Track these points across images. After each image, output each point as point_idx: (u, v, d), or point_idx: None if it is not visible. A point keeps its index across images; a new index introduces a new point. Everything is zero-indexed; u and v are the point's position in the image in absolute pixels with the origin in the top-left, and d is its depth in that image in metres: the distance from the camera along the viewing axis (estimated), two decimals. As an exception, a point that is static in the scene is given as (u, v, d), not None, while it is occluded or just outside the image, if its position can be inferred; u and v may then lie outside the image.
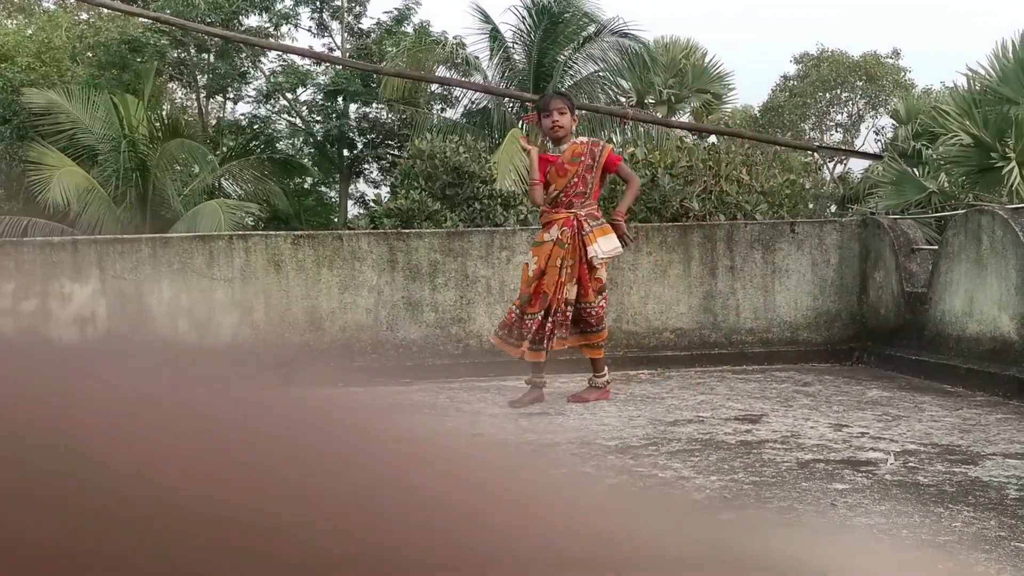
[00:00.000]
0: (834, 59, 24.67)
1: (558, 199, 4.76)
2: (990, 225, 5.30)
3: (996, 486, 3.02)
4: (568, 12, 15.04)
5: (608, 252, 4.74)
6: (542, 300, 4.70)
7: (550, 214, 4.78)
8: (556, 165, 4.76)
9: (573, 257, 4.70)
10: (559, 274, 4.68)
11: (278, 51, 18.65)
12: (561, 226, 4.70)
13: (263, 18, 19.56)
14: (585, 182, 4.74)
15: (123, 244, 6.11)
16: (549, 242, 4.72)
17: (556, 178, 4.76)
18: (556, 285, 4.68)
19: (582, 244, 4.69)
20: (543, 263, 4.70)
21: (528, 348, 4.75)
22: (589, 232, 4.70)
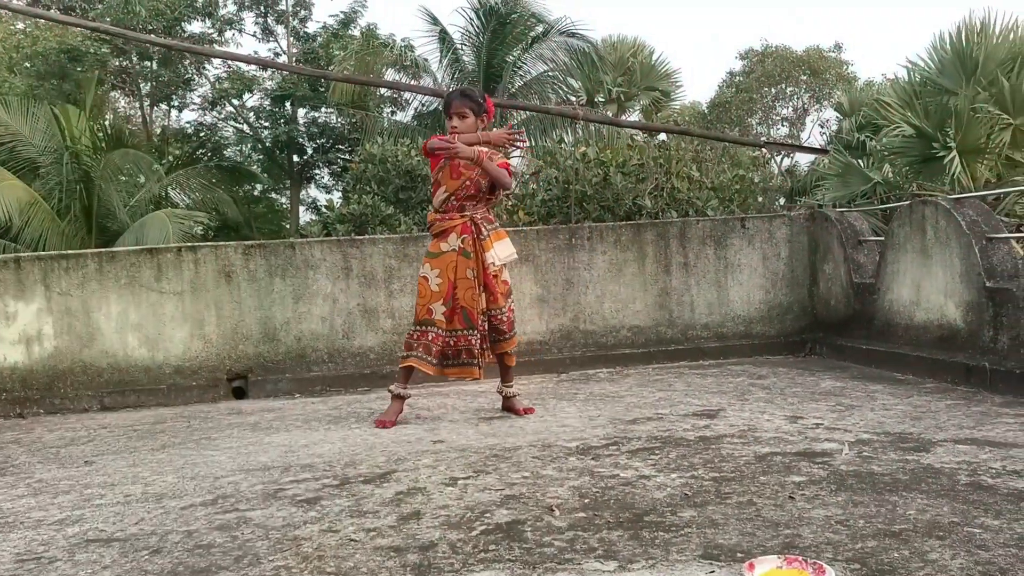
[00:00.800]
0: (778, 54, 25.10)
1: (449, 202, 4.54)
2: (934, 215, 5.42)
3: (948, 472, 3.09)
4: (516, 13, 15.08)
5: (504, 258, 4.58)
6: (463, 316, 4.49)
7: (443, 221, 4.54)
8: (451, 165, 4.54)
9: (477, 264, 4.51)
10: (474, 286, 4.49)
11: (223, 59, 18.39)
12: (460, 233, 4.50)
13: (206, 24, 19.26)
14: (478, 186, 4.54)
15: (68, 260, 5.96)
16: (450, 252, 4.50)
17: (449, 180, 4.55)
18: (474, 298, 4.49)
19: (482, 249, 4.51)
20: (451, 276, 4.49)
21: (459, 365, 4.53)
22: (487, 237, 4.53)
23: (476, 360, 4.54)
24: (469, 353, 4.53)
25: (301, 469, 3.65)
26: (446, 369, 4.58)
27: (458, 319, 4.51)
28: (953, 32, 8.43)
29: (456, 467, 3.53)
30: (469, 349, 4.52)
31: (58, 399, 5.86)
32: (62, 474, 3.85)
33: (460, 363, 4.56)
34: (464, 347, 4.52)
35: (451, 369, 4.58)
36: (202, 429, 4.84)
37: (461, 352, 4.53)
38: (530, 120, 15.11)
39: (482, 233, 4.53)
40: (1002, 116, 7.93)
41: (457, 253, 4.50)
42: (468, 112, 4.56)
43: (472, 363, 4.54)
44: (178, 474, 3.70)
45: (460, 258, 4.49)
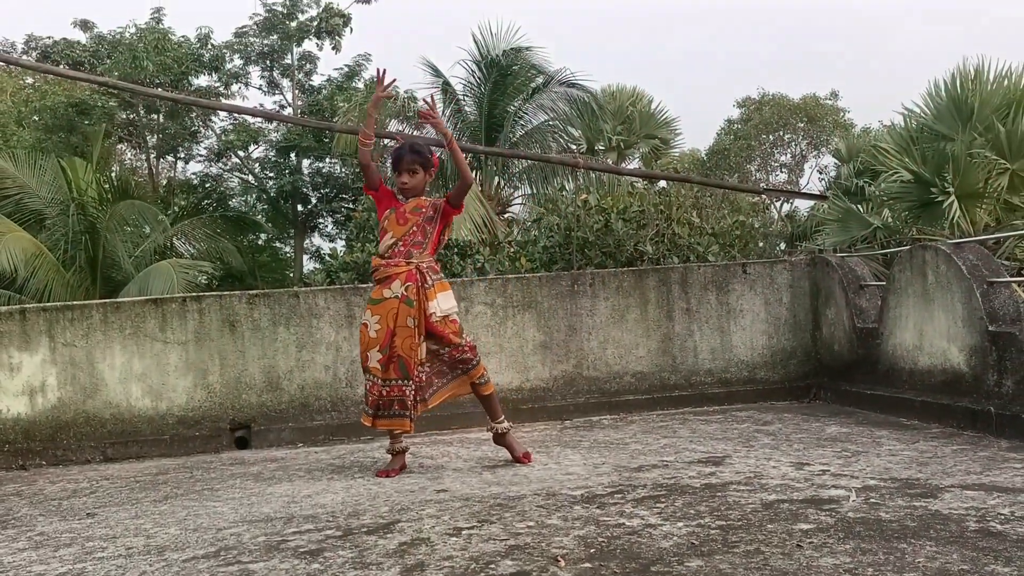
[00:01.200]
0: (775, 102, 25.41)
1: (395, 248, 4.50)
2: (934, 260, 5.45)
3: (956, 519, 3.06)
4: (516, 65, 15.31)
5: (446, 310, 4.50)
6: (399, 365, 4.42)
7: (387, 268, 4.48)
8: (398, 212, 4.53)
9: (419, 313, 4.42)
10: (413, 335, 4.41)
11: (229, 111, 18.65)
12: (404, 281, 4.43)
13: (213, 78, 19.58)
14: (424, 232, 4.52)
15: (73, 311, 5.99)
16: (392, 299, 4.42)
17: (395, 226, 4.52)
18: (413, 348, 4.41)
19: (425, 298, 4.43)
20: (390, 323, 4.40)
21: (389, 417, 4.47)
22: (431, 287, 4.47)
23: (408, 412, 4.45)
24: (401, 404, 4.44)
25: (304, 520, 3.63)
26: (377, 420, 4.50)
27: (394, 368, 4.44)
28: (948, 79, 8.56)
29: (460, 517, 3.50)
30: (402, 400, 4.44)
31: (61, 450, 5.83)
32: (64, 527, 3.83)
33: (391, 414, 4.47)
34: (396, 398, 4.44)
35: (382, 420, 4.50)
36: (204, 480, 4.81)
37: (393, 403, 4.45)
38: (532, 168, 15.26)
39: (427, 282, 4.47)
40: (999, 161, 8.00)
41: (399, 300, 4.43)
42: (418, 168, 4.59)
43: (404, 415, 4.46)
44: (180, 526, 3.67)
45: (402, 305, 4.42)
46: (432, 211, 4.59)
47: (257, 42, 19.51)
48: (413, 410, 4.49)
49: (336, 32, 19.51)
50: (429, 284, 4.48)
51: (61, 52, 18.94)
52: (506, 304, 6.47)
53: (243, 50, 19.50)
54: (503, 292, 6.49)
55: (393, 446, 4.63)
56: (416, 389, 4.48)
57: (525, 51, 15.32)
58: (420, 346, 4.46)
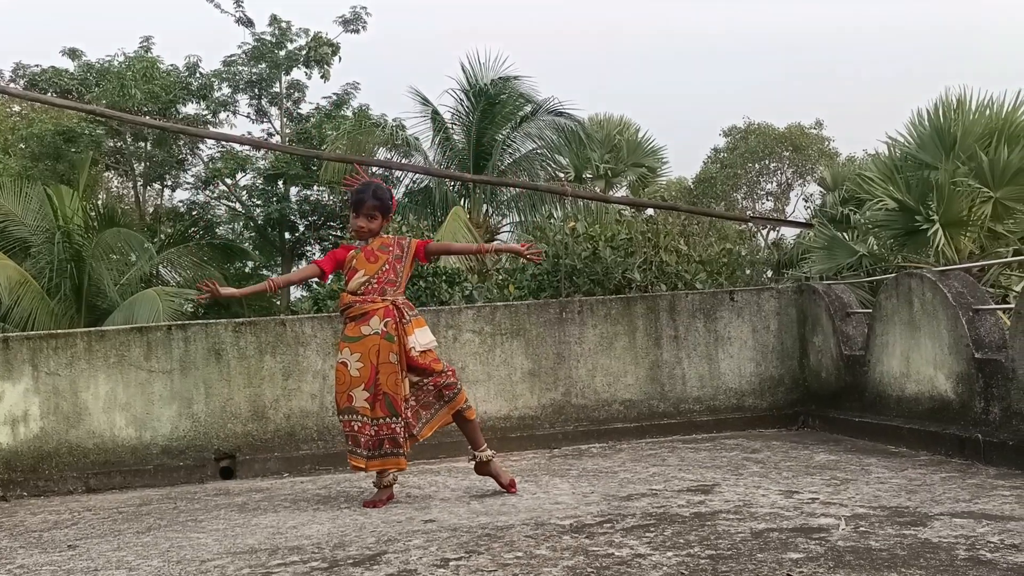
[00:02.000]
0: (761, 131, 25.68)
1: (368, 285, 4.48)
2: (920, 288, 5.48)
3: (946, 547, 3.05)
4: (504, 93, 15.43)
5: (424, 345, 4.50)
6: (385, 403, 4.39)
7: (363, 304, 4.44)
8: (365, 251, 4.54)
9: (400, 348, 4.41)
10: (397, 371, 4.39)
11: (216, 139, 18.66)
12: (383, 317, 4.41)
13: (201, 106, 19.61)
14: (395, 271, 4.53)
15: (57, 339, 5.94)
16: (373, 335, 4.39)
17: (365, 263, 4.51)
18: (398, 384, 4.39)
19: (404, 333, 4.43)
20: (373, 360, 4.37)
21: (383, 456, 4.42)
22: (408, 322, 4.47)
23: (401, 450, 4.42)
24: (393, 443, 4.42)
25: (289, 551, 3.58)
26: (371, 462, 4.45)
27: (380, 406, 4.40)
28: (931, 108, 8.66)
29: (448, 547, 3.46)
30: (393, 438, 4.41)
31: (42, 481, 5.75)
32: (44, 559, 3.76)
33: (383, 454, 4.43)
34: (387, 436, 4.41)
35: (374, 461, 4.45)
36: (189, 511, 4.75)
37: (384, 442, 4.42)
38: (520, 196, 15.32)
39: (404, 317, 4.48)
40: (982, 189, 8.08)
41: (380, 336, 4.40)
42: (378, 215, 4.59)
43: (397, 453, 4.43)
44: (163, 558, 3.62)
45: (383, 342, 4.40)
46: (399, 251, 4.60)
47: (245, 70, 19.58)
48: (405, 446, 4.46)
49: (325, 61, 19.60)
50: (407, 320, 4.48)
51: (49, 80, 18.95)
52: (494, 332, 6.46)
53: (231, 78, 19.56)
54: (491, 320, 6.47)
55: (381, 479, 4.57)
56: (405, 425, 4.45)
57: (513, 80, 15.46)
58: (404, 381, 4.44)
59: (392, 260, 4.55)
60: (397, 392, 4.40)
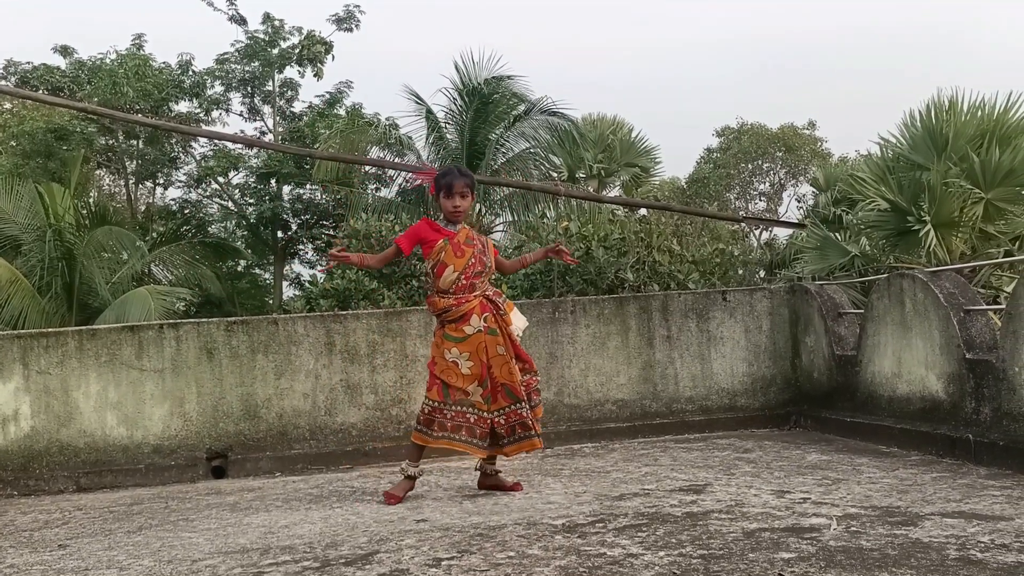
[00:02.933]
0: (754, 131, 25.72)
1: (459, 282, 4.51)
2: (911, 288, 5.50)
3: (936, 547, 3.06)
4: (498, 93, 15.41)
5: (522, 326, 4.65)
6: (506, 393, 4.50)
7: (461, 305, 4.49)
8: (452, 243, 4.55)
9: (505, 339, 4.53)
10: (508, 361, 4.50)
11: (209, 137, 18.60)
12: (481, 313, 4.50)
13: (193, 104, 19.54)
14: (482, 262, 4.58)
15: (48, 338, 5.91)
16: (477, 333, 4.49)
17: (454, 258, 4.53)
18: (512, 372, 4.49)
19: (505, 324, 4.55)
20: (483, 357, 4.47)
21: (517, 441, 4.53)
22: (504, 313, 4.58)
23: (532, 431, 4.54)
24: (524, 427, 4.54)
25: (281, 551, 3.57)
26: (506, 447, 4.55)
27: (502, 397, 4.51)
28: (923, 110, 8.69)
29: (440, 547, 3.46)
30: (523, 423, 4.53)
31: (33, 480, 5.73)
32: (34, 559, 3.75)
33: (517, 439, 4.55)
34: (517, 422, 4.53)
35: (511, 447, 4.56)
36: (180, 510, 4.73)
37: (515, 428, 4.53)
38: (513, 196, 15.31)
39: (500, 309, 4.59)
40: (974, 190, 8.12)
41: (484, 333, 4.51)
42: (468, 192, 4.64)
43: (530, 435, 4.54)
44: (154, 557, 3.60)
45: (488, 337, 4.51)
46: (482, 246, 4.66)
47: (238, 69, 19.50)
48: (535, 428, 4.55)
49: (318, 59, 19.55)
50: (502, 311, 4.59)
51: (40, 78, 18.86)
52: (487, 331, 6.44)
53: (224, 76, 19.48)
54: (484, 319, 6.46)
55: (409, 469, 4.58)
56: (531, 408, 4.56)
57: (507, 80, 15.43)
58: (516, 367, 4.54)
59: (478, 253, 4.61)
60: (514, 380, 4.51)
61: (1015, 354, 4.58)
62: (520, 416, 4.52)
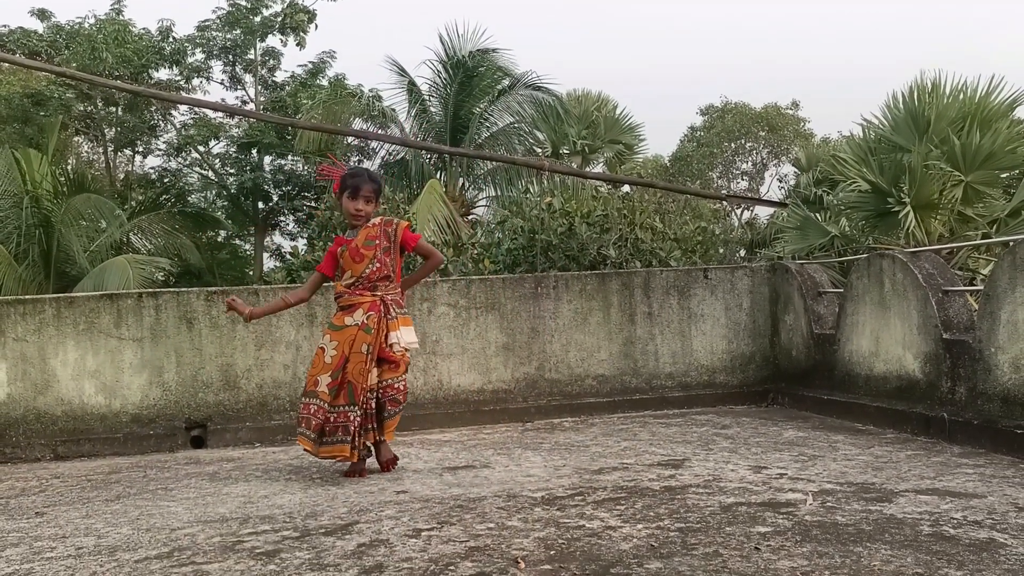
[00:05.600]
0: (738, 110, 25.74)
1: (357, 284, 4.48)
2: (891, 268, 5.54)
3: (910, 523, 3.11)
4: (483, 66, 15.31)
5: (408, 344, 4.51)
6: (347, 391, 4.37)
7: (351, 296, 4.46)
8: (350, 250, 4.49)
9: (376, 340, 4.41)
10: (365, 361, 4.37)
11: (189, 105, 18.36)
12: (367, 310, 4.42)
13: (173, 71, 19.26)
14: (386, 265, 4.50)
15: (25, 305, 5.85)
16: (352, 326, 4.40)
17: (351, 263, 4.48)
18: (363, 373, 4.38)
19: (386, 328, 4.44)
20: (346, 349, 4.37)
21: (332, 444, 4.38)
22: (394, 318, 4.47)
23: (352, 439, 4.37)
24: (345, 430, 4.36)
25: (260, 521, 3.58)
26: (321, 447, 4.41)
27: (343, 395, 4.38)
28: (905, 92, 8.71)
29: (420, 518, 3.48)
30: (346, 426, 4.36)
31: (9, 448, 5.69)
32: (11, 526, 3.73)
33: (335, 441, 4.39)
34: (341, 424, 4.37)
35: (324, 448, 4.41)
36: (159, 479, 4.72)
37: (337, 429, 4.38)
38: (497, 171, 15.26)
39: (390, 313, 4.47)
40: (954, 173, 8.17)
41: (359, 328, 4.40)
42: (373, 197, 4.56)
43: (346, 441, 4.36)
44: (133, 526, 3.60)
45: (360, 333, 4.40)
46: (387, 241, 4.53)
47: (220, 36, 19.22)
48: (357, 437, 4.39)
49: (301, 28, 19.30)
50: (392, 316, 4.47)
51: (17, 41, 18.50)
52: (469, 306, 6.46)
53: (205, 44, 19.20)
54: (466, 294, 6.46)
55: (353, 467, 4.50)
56: (363, 417, 4.41)
57: (492, 53, 15.33)
58: (370, 372, 4.41)
59: (380, 255, 4.49)
60: (359, 382, 4.37)
61: (991, 335, 4.64)
62: (347, 418, 4.36)
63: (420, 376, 6.32)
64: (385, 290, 4.50)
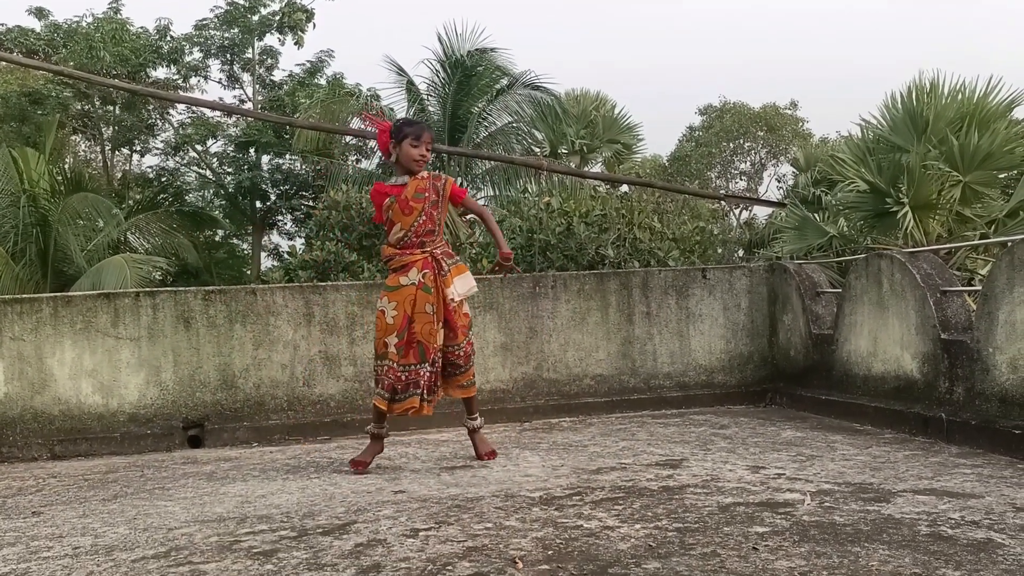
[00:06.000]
0: (736, 110, 25.74)
1: (406, 240, 4.51)
2: (889, 268, 5.54)
3: (908, 523, 3.11)
4: (481, 66, 15.29)
5: (464, 292, 4.56)
6: (418, 350, 4.44)
7: (402, 256, 4.49)
8: (399, 201, 4.50)
9: (438, 299, 4.47)
10: (432, 321, 4.44)
11: (187, 104, 18.34)
12: (421, 268, 4.46)
13: (171, 70, 19.24)
14: (432, 219, 4.53)
15: (22, 304, 5.83)
16: (410, 286, 4.44)
17: (400, 216, 4.50)
18: (432, 333, 4.45)
19: (443, 284, 4.48)
20: (408, 309, 4.43)
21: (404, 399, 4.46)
22: (446, 273, 4.51)
23: (422, 392, 4.46)
24: (415, 385, 4.45)
25: (258, 520, 3.57)
26: (394, 404, 4.48)
27: (413, 353, 4.45)
28: (904, 92, 8.71)
29: (417, 518, 3.47)
30: (416, 382, 4.45)
31: (6, 447, 5.68)
32: (7, 525, 3.72)
33: (407, 396, 4.46)
34: (413, 381, 4.45)
35: (397, 404, 4.48)
36: (156, 479, 4.71)
37: (408, 386, 4.46)
38: (495, 170, 15.24)
39: (443, 269, 4.52)
40: (952, 173, 8.17)
41: (417, 287, 4.45)
42: (432, 144, 4.62)
43: (416, 394, 4.45)
44: (130, 525, 3.59)
45: (420, 292, 4.45)
46: (435, 195, 4.56)
47: (217, 35, 19.21)
48: (428, 392, 4.49)
49: (298, 27, 19.29)
50: (445, 271, 4.51)
51: (14, 40, 18.48)
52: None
53: (203, 43, 19.18)
54: (464, 293, 6.45)
55: (377, 428, 4.58)
56: (432, 374, 4.49)
57: (490, 52, 15.31)
58: (439, 332, 4.48)
59: (428, 208, 4.52)
60: (430, 341, 4.45)
61: (989, 335, 4.64)
62: (418, 375, 4.44)
63: (418, 376, 6.31)
64: (433, 245, 4.54)
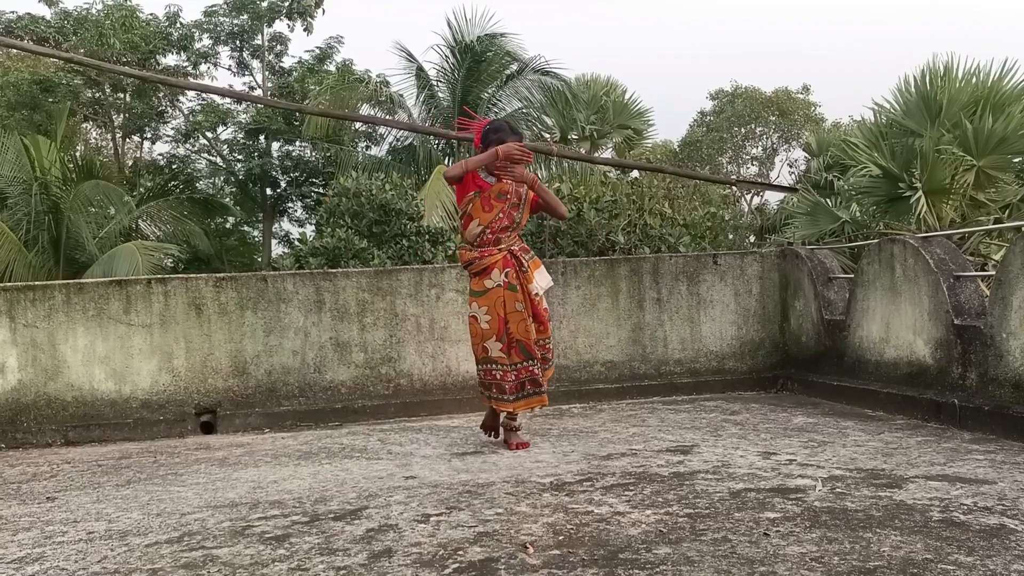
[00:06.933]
0: (748, 95, 25.55)
1: (484, 236, 4.58)
2: (902, 254, 5.50)
3: (920, 509, 3.10)
4: (491, 51, 15.22)
5: (544, 287, 4.68)
6: (520, 349, 4.54)
7: (484, 258, 4.57)
8: (482, 198, 4.58)
9: (525, 296, 4.56)
10: (525, 318, 4.54)
11: (197, 91, 18.34)
12: (503, 268, 4.55)
13: (181, 57, 19.24)
14: (511, 218, 4.63)
15: (35, 291, 5.87)
16: (496, 288, 4.54)
17: (481, 212, 4.58)
18: (528, 330, 4.54)
19: (526, 280, 4.58)
20: (500, 311, 4.52)
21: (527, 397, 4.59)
22: (527, 269, 4.60)
23: (542, 388, 4.62)
24: (534, 383, 4.59)
25: (270, 506, 3.59)
26: (516, 403, 4.60)
27: (515, 352, 4.56)
28: (918, 76, 8.62)
29: (428, 503, 3.48)
30: (533, 379, 4.59)
31: (20, 433, 5.72)
32: (23, 510, 3.75)
33: (527, 394, 4.60)
34: (527, 378, 4.58)
35: (520, 402, 4.60)
36: (169, 464, 4.74)
37: (525, 384, 4.59)
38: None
39: (523, 265, 4.60)
40: (966, 157, 8.09)
41: (503, 288, 4.54)
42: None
43: (539, 392, 4.61)
44: (143, 510, 3.61)
45: (507, 292, 4.54)
46: (517, 199, 4.64)
47: (227, 22, 19.17)
48: (544, 385, 4.62)
49: (308, 13, 19.23)
50: (525, 267, 4.59)
51: (25, 27, 18.49)
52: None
53: (212, 29, 19.15)
54: (474, 279, 6.44)
55: (511, 422, 4.69)
56: (540, 366, 4.60)
57: (500, 37, 15.23)
58: (532, 326, 4.57)
59: (508, 209, 4.61)
60: (528, 337, 4.55)
61: (1003, 320, 4.61)
62: (531, 372, 4.57)
63: (429, 362, 6.32)
64: (508, 241, 4.62)
